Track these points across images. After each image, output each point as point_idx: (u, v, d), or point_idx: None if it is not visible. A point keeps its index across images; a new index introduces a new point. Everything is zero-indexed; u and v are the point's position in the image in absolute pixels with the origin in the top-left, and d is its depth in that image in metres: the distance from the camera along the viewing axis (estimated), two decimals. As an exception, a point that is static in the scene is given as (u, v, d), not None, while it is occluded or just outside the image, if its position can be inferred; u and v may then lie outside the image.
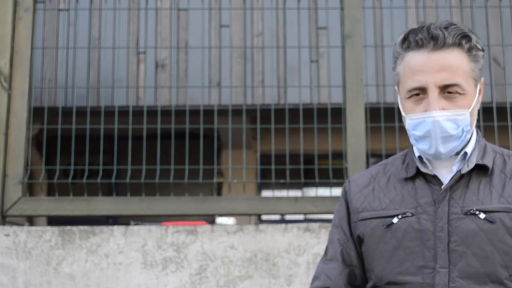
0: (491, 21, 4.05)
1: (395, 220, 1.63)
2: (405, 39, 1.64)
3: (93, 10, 4.17)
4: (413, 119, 1.61)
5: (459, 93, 1.59)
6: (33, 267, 3.30)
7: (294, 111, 3.95)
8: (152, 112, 3.94)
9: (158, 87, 5.34)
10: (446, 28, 1.60)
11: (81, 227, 3.35)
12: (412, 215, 1.61)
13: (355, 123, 3.60)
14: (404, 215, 1.62)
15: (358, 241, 1.70)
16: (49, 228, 3.37)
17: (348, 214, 1.73)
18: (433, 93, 1.58)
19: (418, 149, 1.65)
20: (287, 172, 3.75)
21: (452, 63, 1.58)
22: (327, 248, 1.77)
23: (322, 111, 3.87)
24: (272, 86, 5.12)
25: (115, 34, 4.32)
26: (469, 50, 1.61)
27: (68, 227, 3.36)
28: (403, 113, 1.65)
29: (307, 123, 3.85)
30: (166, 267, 3.30)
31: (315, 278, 1.75)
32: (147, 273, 3.30)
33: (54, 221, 4.74)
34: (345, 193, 1.77)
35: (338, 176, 3.63)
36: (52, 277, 3.30)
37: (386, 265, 1.62)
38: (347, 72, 3.66)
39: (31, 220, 5.99)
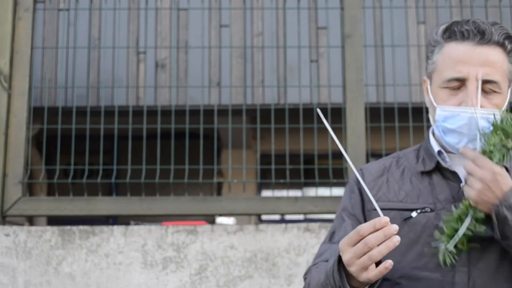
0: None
1: (413, 214, 1.60)
2: (447, 29, 1.62)
3: (93, 10, 4.17)
4: (446, 111, 1.59)
5: (496, 91, 1.58)
6: (33, 267, 3.30)
7: (294, 111, 3.95)
8: (152, 112, 3.93)
9: (158, 87, 5.34)
10: (492, 25, 1.60)
11: (81, 227, 3.35)
12: (431, 210, 1.60)
13: (355, 123, 3.60)
14: (423, 210, 1.60)
15: None
16: (49, 228, 3.37)
17: (362, 201, 1.70)
18: (473, 86, 1.56)
19: (444, 141, 1.62)
20: (287, 172, 3.75)
21: (495, 60, 1.58)
22: (333, 233, 1.72)
23: (322, 111, 3.86)
24: (272, 86, 5.11)
25: (115, 34, 4.31)
26: (511, 51, 1.61)
27: (68, 227, 3.36)
28: (434, 103, 1.62)
29: (307, 123, 3.85)
30: (166, 267, 3.30)
31: (317, 256, 1.70)
32: (147, 273, 3.30)
33: (54, 221, 4.74)
34: (357, 181, 1.72)
35: (338, 176, 3.63)
36: (52, 277, 3.30)
37: (401, 258, 1.59)
38: (347, 72, 3.66)
39: (31, 220, 5.99)
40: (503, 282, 1.54)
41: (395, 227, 1.41)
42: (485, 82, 1.57)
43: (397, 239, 1.41)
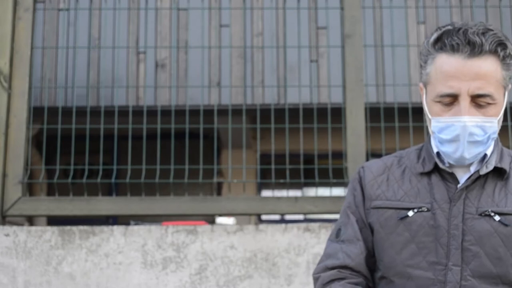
0: (491, 21, 4.05)
1: (410, 213, 1.62)
2: (438, 39, 1.60)
3: (93, 10, 4.17)
4: (441, 122, 1.59)
5: (490, 103, 1.57)
6: (33, 267, 3.30)
7: (294, 111, 3.95)
8: (152, 112, 3.94)
9: (158, 87, 5.34)
10: (483, 34, 1.56)
11: (81, 227, 3.35)
12: (428, 210, 1.61)
13: (355, 123, 3.60)
14: (420, 210, 1.62)
15: (370, 229, 1.69)
16: (49, 228, 3.37)
17: (364, 199, 1.72)
18: (465, 101, 1.56)
19: (442, 152, 1.63)
20: (287, 172, 3.75)
21: (487, 71, 1.56)
22: (339, 230, 1.72)
23: (322, 111, 3.87)
24: (272, 86, 5.12)
25: (115, 34, 4.32)
26: (504, 58, 1.58)
27: (68, 227, 3.36)
28: (428, 115, 1.63)
29: (307, 123, 3.85)
30: (166, 267, 3.30)
31: (329, 256, 1.70)
32: (147, 273, 3.30)
33: (54, 221, 4.74)
34: (359, 178, 1.75)
35: (338, 176, 3.63)
36: (52, 277, 3.30)
37: (395, 257, 1.62)
38: (347, 72, 3.66)
39: (31, 220, 5.99)
40: (494, 283, 1.55)
41: None
42: (478, 96, 1.56)
43: None
